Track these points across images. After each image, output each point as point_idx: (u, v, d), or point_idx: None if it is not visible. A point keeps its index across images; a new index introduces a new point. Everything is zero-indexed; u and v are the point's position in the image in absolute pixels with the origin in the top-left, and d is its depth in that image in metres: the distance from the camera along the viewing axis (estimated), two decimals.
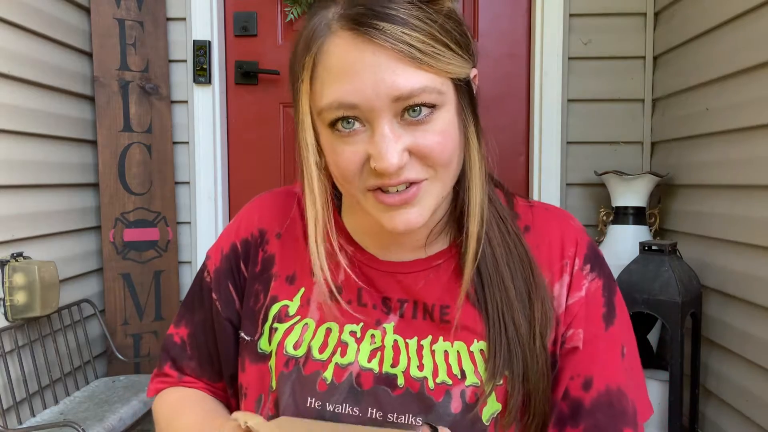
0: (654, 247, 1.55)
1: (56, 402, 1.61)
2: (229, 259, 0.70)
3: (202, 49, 1.98)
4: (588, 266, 0.64)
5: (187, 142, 2.02)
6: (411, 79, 0.52)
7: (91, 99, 1.91)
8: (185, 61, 2.00)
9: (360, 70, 0.52)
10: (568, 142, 1.95)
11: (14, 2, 1.53)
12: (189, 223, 2.04)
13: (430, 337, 0.61)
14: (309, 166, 0.59)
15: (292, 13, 2.00)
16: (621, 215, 1.78)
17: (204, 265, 0.73)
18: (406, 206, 0.56)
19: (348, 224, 0.68)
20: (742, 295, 1.40)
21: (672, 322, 1.45)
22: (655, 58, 1.91)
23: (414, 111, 0.53)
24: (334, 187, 0.66)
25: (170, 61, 1.99)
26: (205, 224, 2.02)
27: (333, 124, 0.55)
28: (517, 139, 2.02)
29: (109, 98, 1.91)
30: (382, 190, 0.55)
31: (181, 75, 2.00)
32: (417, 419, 0.59)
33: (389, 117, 0.53)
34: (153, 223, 1.96)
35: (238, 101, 2.08)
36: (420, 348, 0.61)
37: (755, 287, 1.35)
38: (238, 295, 0.70)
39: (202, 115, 2.01)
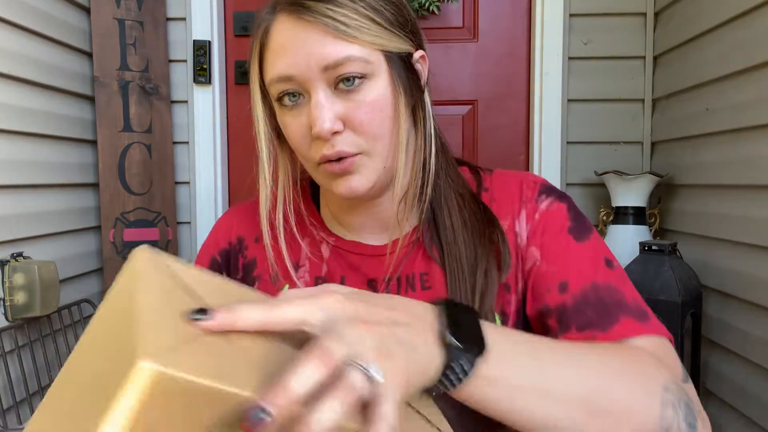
0: (654, 247, 1.55)
1: None
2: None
3: (202, 49, 1.98)
4: (543, 195, 0.67)
5: (187, 142, 2.02)
6: (337, 49, 0.58)
7: (91, 99, 1.91)
8: (185, 61, 1.99)
9: (293, 45, 0.59)
10: (568, 142, 1.95)
11: (14, 2, 1.53)
12: (189, 223, 2.04)
13: None
14: (260, 140, 0.67)
15: None
16: (621, 215, 1.78)
17: None
18: (348, 174, 0.61)
19: (326, 217, 0.72)
20: (742, 295, 1.40)
21: (672, 322, 1.45)
22: (655, 58, 1.91)
23: (347, 81, 0.59)
24: (312, 185, 0.73)
25: (170, 61, 1.99)
26: (205, 224, 2.02)
27: (280, 99, 0.62)
28: (517, 139, 2.02)
29: (109, 98, 1.91)
30: (327, 161, 0.60)
31: (181, 75, 2.00)
32: None
33: (323, 86, 0.59)
34: (153, 223, 1.96)
35: (238, 101, 2.08)
36: None
37: (755, 287, 1.35)
38: None
39: (202, 115, 2.01)
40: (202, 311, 0.35)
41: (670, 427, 0.48)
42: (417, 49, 0.65)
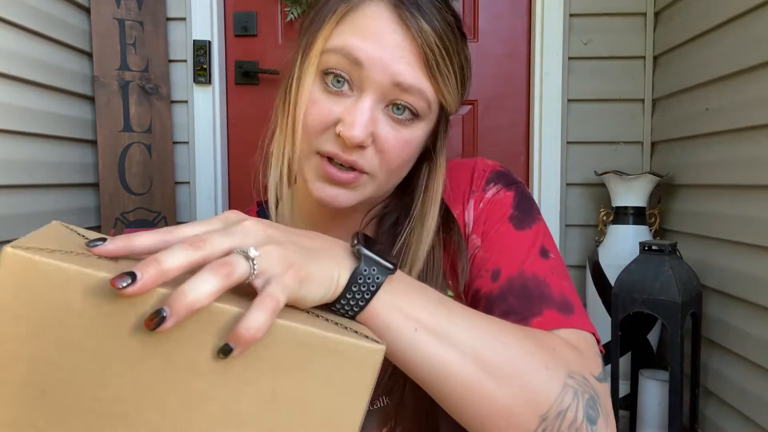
0: (654, 247, 1.55)
1: None
2: None
3: (202, 49, 1.98)
4: (491, 184, 0.65)
5: (187, 142, 2.02)
6: (417, 78, 0.55)
7: (91, 99, 1.91)
8: (185, 61, 1.99)
9: (384, 40, 0.54)
10: (568, 142, 1.95)
11: (14, 2, 1.53)
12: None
13: None
14: (299, 105, 0.58)
15: (292, 13, 2.00)
16: (621, 215, 1.78)
17: None
18: (341, 186, 0.58)
19: (285, 210, 0.69)
20: (742, 295, 1.40)
21: (672, 322, 1.45)
22: (655, 58, 1.91)
23: (398, 109, 0.56)
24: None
25: (170, 61, 1.99)
26: None
27: (326, 73, 0.56)
28: (517, 139, 2.02)
29: (109, 98, 1.91)
30: (330, 160, 0.57)
31: (181, 75, 2.00)
32: (384, 399, 0.60)
33: (377, 97, 0.55)
34: (153, 223, 1.96)
35: (238, 101, 2.08)
36: None
37: (755, 287, 1.35)
38: None
39: (202, 115, 2.01)
40: (102, 239, 0.36)
41: (566, 412, 0.46)
42: (457, 111, 0.65)
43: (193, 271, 0.35)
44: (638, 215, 1.77)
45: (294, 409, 0.36)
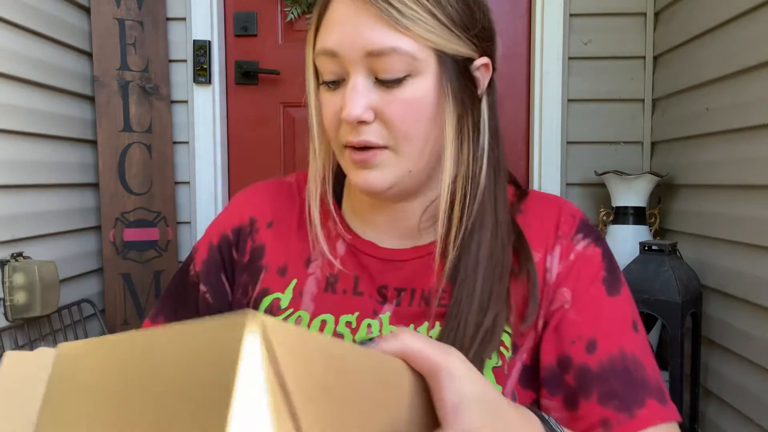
0: (654, 247, 1.55)
1: None
2: (220, 250, 0.68)
3: (202, 49, 1.98)
4: (580, 235, 0.63)
5: (187, 142, 2.02)
6: (385, 37, 0.54)
7: (91, 99, 1.91)
8: (185, 61, 1.99)
9: (346, 22, 0.55)
10: (568, 142, 1.95)
11: (14, 2, 1.53)
12: (189, 223, 2.04)
13: (426, 324, 0.60)
14: (310, 115, 0.63)
15: (292, 13, 2.00)
16: (621, 215, 1.78)
17: (190, 258, 0.71)
18: (367, 167, 0.58)
19: (346, 212, 0.68)
20: (742, 295, 1.40)
21: (672, 322, 1.45)
22: (655, 58, 1.91)
23: (386, 74, 0.56)
24: (336, 176, 0.68)
25: (170, 61, 1.99)
26: (204, 224, 2.02)
27: (320, 74, 0.59)
28: (517, 139, 2.02)
29: (109, 98, 1.91)
30: (354, 148, 0.58)
31: (181, 75, 2.00)
32: None
33: (364, 72, 0.56)
34: (153, 223, 1.96)
35: (238, 101, 2.08)
36: None
37: (755, 287, 1.35)
38: (231, 285, 0.68)
39: (202, 115, 2.01)
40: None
41: None
42: (480, 56, 0.60)
43: None
44: (638, 215, 1.77)
45: None
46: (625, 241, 1.74)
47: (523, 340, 0.60)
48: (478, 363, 0.56)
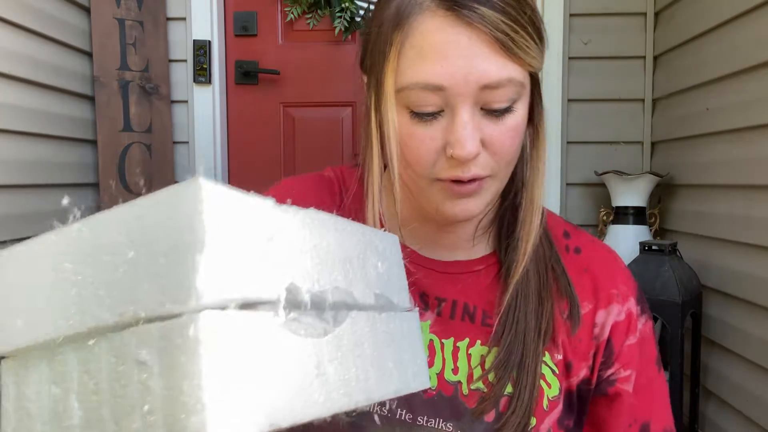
0: (654, 247, 1.55)
1: None
2: None
3: (202, 49, 1.98)
4: (640, 308, 0.64)
5: (187, 142, 2.02)
6: (502, 68, 0.50)
7: (91, 99, 1.91)
8: (185, 60, 1.99)
9: (453, 52, 0.49)
10: (568, 142, 1.95)
11: (14, 2, 1.53)
12: None
13: (467, 340, 0.59)
14: (389, 145, 0.55)
15: (292, 13, 2.00)
16: (621, 215, 1.78)
17: None
18: (469, 197, 0.55)
19: (386, 217, 0.64)
20: (742, 295, 1.40)
21: (672, 322, 1.45)
22: (655, 58, 1.91)
23: (496, 104, 0.52)
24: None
25: (170, 60, 1.99)
26: None
27: (413, 105, 0.53)
28: None
29: (109, 98, 1.91)
30: (453, 181, 0.54)
31: (181, 75, 2.00)
32: (448, 425, 0.56)
33: (471, 104, 0.51)
34: None
35: (238, 101, 2.08)
36: (456, 350, 0.59)
37: (755, 287, 1.35)
38: None
39: (202, 115, 2.01)
40: None
41: None
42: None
43: None
44: (638, 215, 1.77)
45: None
46: (625, 241, 1.74)
47: (563, 380, 0.61)
48: (531, 388, 0.57)
